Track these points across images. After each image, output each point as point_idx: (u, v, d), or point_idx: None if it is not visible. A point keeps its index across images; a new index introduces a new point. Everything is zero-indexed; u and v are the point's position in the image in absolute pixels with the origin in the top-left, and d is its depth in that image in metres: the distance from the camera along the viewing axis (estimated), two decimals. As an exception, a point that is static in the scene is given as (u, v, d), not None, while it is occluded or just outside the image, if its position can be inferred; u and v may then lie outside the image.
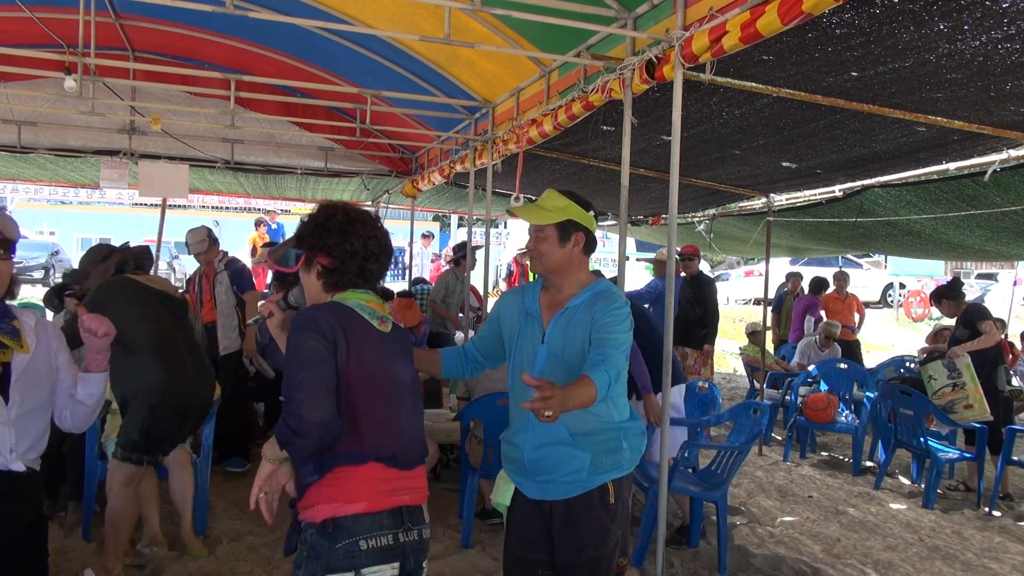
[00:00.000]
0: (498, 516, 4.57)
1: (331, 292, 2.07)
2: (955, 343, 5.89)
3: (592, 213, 2.50)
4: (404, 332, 2.23)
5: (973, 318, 5.92)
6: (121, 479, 3.58)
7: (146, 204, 22.84)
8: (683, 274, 7.46)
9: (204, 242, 5.66)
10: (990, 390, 5.67)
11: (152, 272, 4.37)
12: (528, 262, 2.60)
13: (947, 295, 6.13)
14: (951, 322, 6.43)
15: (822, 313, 9.58)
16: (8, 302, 2.21)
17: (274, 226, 14.53)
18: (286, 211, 15.77)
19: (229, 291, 5.60)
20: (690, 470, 4.55)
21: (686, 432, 4.76)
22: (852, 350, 9.24)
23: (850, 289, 9.99)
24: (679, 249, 7.60)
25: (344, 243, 2.04)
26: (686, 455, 4.38)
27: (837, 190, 6.42)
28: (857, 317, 9.64)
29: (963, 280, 7.06)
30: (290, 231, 13.80)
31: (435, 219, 28.33)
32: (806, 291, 10.08)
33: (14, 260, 2.24)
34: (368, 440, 1.96)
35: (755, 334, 8.30)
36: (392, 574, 1.95)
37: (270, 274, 12.62)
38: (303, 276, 2.13)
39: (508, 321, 2.57)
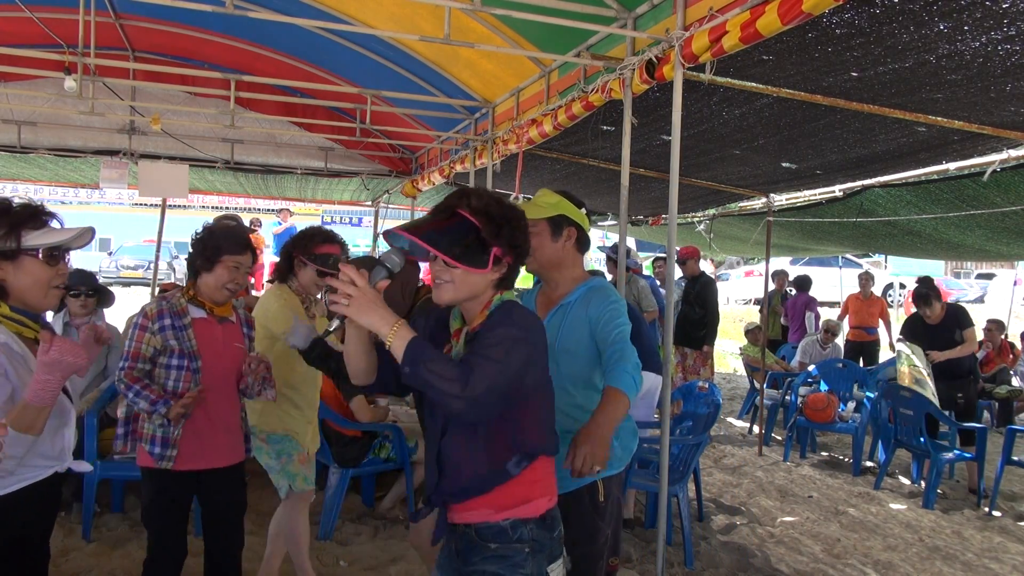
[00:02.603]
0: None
1: (497, 292, 1.92)
2: (944, 347, 5.91)
3: (584, 211, 2.52)
4: None
5: (964, 322, 5.99)
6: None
7: (146, 204, 22.87)
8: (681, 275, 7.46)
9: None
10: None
11: (151, 273, 4.36)
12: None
13: (937, 295, 6.07)
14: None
15: (820, 310, 9.57)
16: None
17: (286, 225, 14.49)
18: (286, 211, 15.70)
19: None
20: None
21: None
22: (868, 351, 9.21)
23: (850, 289, 9.95)
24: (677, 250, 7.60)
25: (526, 243, 1.94)
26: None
27: (837, 190, 6.42)
28: (881, 324, 9.43)
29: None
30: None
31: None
32: (793, 291, 10.04)
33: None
34: (545, 433, 1.99)
35: (751, 332, 8.31)
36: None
37: (265, 273, 12.62)
38: (477, 273, 1.85)
39: None
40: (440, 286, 1.86)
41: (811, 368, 7.53)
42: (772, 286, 10.14)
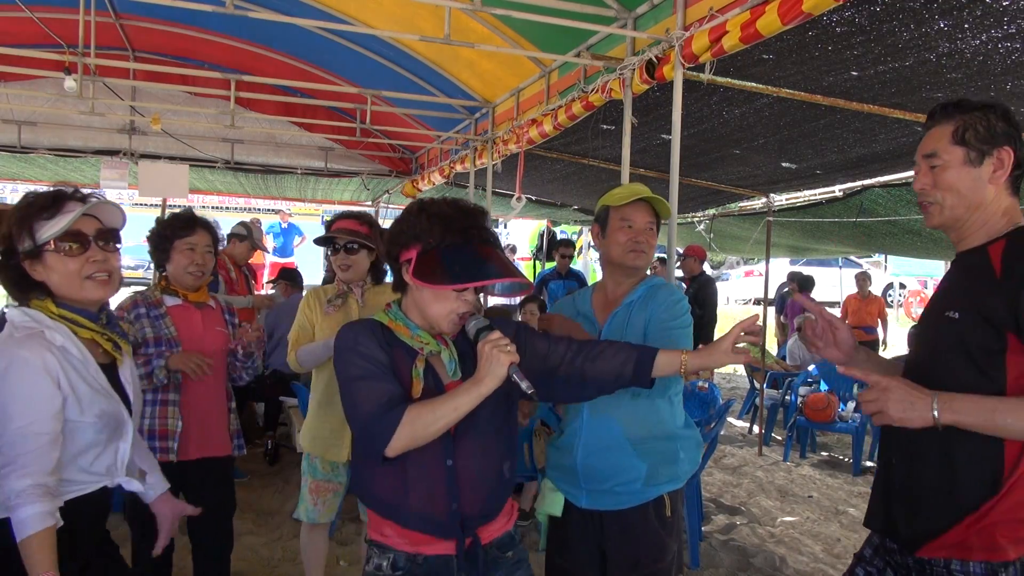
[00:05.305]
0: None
1: None
2: None
3: None
4: None
5: None
6: None
7: (146, 204, 22.81)
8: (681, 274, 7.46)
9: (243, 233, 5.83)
10: None
11: (151, 273, 4.33)
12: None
13: None
14: None
15: None
16: None
17: (285, 225, 14.49)
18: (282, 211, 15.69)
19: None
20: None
21: None
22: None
23: (850, 289, 9.92)
24: (680, 249, 7.60)
25: None
26: None
27: (837, 190, 6.42)
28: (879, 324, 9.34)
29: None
30: (307, 230, 13.65)
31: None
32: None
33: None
34: None
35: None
36: None
37: (265, 273, 12.62)
38: None
39: None
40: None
41: (811, 368, 7.53)
42: (788, 287, 10.09)
